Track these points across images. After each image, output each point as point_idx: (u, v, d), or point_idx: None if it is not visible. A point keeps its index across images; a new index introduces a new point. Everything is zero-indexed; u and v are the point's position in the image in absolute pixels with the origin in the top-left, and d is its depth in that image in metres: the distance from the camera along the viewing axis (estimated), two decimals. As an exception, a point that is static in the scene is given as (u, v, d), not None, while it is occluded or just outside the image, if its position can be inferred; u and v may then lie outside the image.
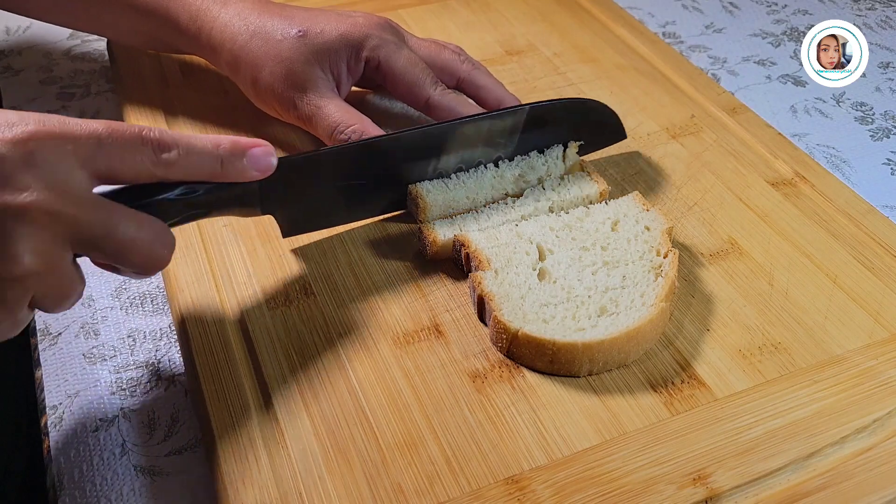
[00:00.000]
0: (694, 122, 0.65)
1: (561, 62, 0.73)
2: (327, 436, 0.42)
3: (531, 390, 0.45)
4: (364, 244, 0.53)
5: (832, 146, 0.69)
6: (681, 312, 0.49)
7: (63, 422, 0.47)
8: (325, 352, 0.46)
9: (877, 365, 0.47)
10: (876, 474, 0.41)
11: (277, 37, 0.55)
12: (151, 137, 0.40)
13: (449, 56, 0.59)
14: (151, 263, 0.41)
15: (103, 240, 0.39)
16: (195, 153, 0.42)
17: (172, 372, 0.49)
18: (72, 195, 0.37)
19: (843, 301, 0.50)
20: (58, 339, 0.51)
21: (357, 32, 0.56)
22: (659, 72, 0.71)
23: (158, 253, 0.41)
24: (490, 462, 0.41)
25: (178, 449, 0.45)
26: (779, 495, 0.40)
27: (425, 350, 0.47)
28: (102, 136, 0.39)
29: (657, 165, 0.61)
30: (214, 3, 0.58)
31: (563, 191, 0.54)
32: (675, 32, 0.85)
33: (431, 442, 0.42)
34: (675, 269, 0.48)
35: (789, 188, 0.59)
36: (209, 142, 0.43)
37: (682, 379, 0.45)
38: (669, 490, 0.40)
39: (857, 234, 0.55)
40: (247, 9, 0.57)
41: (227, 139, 0.43)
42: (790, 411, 0.44)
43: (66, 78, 0.72)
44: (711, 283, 0.51)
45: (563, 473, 0.41)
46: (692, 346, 0.47)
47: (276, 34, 0.56)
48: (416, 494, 0.40)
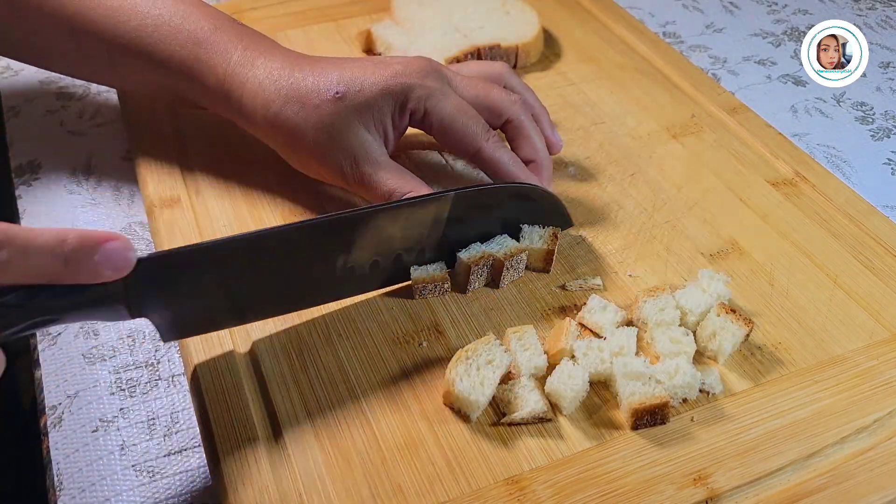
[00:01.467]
0: (694, 122, 0.65)
1: (561, 62, 0.73)
2: (327, 436, 0.42)
3: (531, 390, 0.45)
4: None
5: (832, 146, 0.69)
6: (681, 312, 0.49)
7: (63, 422, 0.47)
8: (325, 352, 0.46)
9: (877, 365, 0.46)
10: (876, 474, 0.41)
11: (315, 101, 0.50)
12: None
13: (498, 95, 0.54)
14: None
15: None
16: (32, 253, 0.35)
17: (172, 372, 0.49)
18: None
19: (843, 301, 0.50)
20: (57, 340, 0.51)
21: (398, 84, 0.51)
22: (659, 72, 0.71)
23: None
24: (490, 462, 0.41)
25: (178, 449, 0.45)
26: (779, 495, 0.40)
27: (425, 350, 0.47)
28: None
29: (657, 165, 0.61)
30: (242, 66, 0.53)
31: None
32: (676, 32, 0.85)
33: (431, 442, 0.42)
34: None
35: (790, 188, 0.59)
36: (51, 237, 0.35)
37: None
38: (670, 490, 0.40)
39: (858, 234, 0.55)
40: (276, 69, 0.52)
41: (75, 233, 0.36)
42: (790, 411, 0.44)
43: (65, 78, 0.72)
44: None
45: (564, 474, 0.41)
46: (692, 346, 0.47)
47: (313, 99, 0.51)
48: (416, 494, 0.40)
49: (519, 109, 0.54)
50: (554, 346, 0.45)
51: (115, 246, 0.37)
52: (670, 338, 0.46)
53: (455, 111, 0.51)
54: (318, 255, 0.46)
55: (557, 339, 0.46)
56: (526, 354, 0.45)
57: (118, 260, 0.37)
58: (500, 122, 0.54)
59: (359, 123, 0.51)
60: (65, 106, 0.69)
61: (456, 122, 0.51)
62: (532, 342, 0.45)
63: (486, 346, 0.44)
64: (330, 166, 0.52)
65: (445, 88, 0.52)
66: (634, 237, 0.54)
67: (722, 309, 0.47)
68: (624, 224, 0.55)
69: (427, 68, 0.52)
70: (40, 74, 0.73)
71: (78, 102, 0.70)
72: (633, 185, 0.59)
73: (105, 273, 0.37)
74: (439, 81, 0.52)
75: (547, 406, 0.43)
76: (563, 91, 0.69)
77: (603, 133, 0.64)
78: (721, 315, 0.46)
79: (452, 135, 0.52)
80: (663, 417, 0.43)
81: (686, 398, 0.44)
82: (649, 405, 0.42)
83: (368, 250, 0.47)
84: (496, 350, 0.44)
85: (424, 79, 0.52)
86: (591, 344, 0.45)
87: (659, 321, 0.47)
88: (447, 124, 0.51)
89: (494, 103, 0.54)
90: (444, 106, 0.51)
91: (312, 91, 0.51)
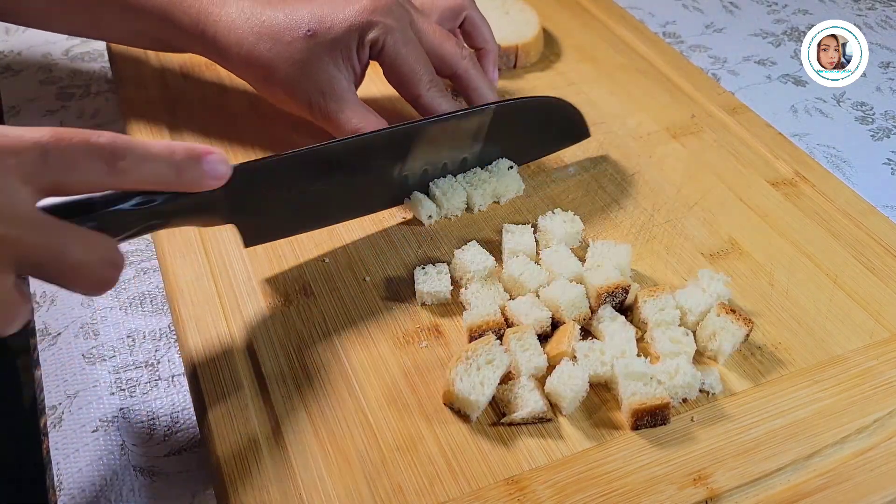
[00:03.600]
0: (694, 122, 0.65)
1: (561, 62, 0.73)
2: (327, 436, 0.42)
3: (531, 390, 0.45)
4: (364, 244, 0.53)
5: (832, 146, 0.69)
6: (681, 312, 0.49)
7: (63, 422, 0.47)
8: (325, 352, 0.46)
9: (877, 365, 0.46)
10: (876, 474, 0.41)
11: (287, 39, 0.54)
12: (101, 144, 0.37)
13: (451, 49, 0.58)
14: (98, 287, 0.39)
15: (49, 264, 0.36)
16: (149, 160, 0.39)
17: (172, 372, 0.49)
18: (15, 216, 0.34)
19: (843, 301, 0.50)
20: (57, 340, 0.51)
21: (364, 20, 0.54)
22: (659, 72, 0.71)
23: (107, 276, 0.38)
24: (490, 462, 0.41)
25: (178, 449, 0.45)
26: (779, 495, 0.40)
27: (425, 350, 0.47)
28: (47, 147, 0.35)
29: (657, 165, 0.61)
30: (214, 4, 0.56)
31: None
32: (676, 32, 0.85)
33: (431, 442, 0.42)
34: None
35: (790, 188, 0.59)
36: (164, 147, 0.40)
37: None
38: (670, 490, 0.40)
39: (858, 234, 0.55)
40: (248, 6, 0.56)
41: (181, 145, 0.40)
42: (790, 411, 0.44)
43: (65, 78, 0.72)
44: (712, 283, 0.51)
45: (564, 473, 0.41)
46: (692, 346, 0.47)
47: (285, 36, 0.54)
48: (416, 494, 0.40)
49: (468, 64, 0.58)
50: (555, 348, 0.45)
51: (215, 157, 0.41)
52: (670, 337, 0.46)
53: (407, 54, 0.55)
54: (380, 162, 0.51)
55: (560, 341, 0.46)
56: (525, 355, 0.44)
57: (220, 169, 0.41)
58: (448, 73, 0.58)
59: (328, 60, 0.54)
60: (65, 106, 0.69)
61: (405, 64, 0.55)
62: (531, 342, 0.45)
63: (485, 347, 0.44)
64: (299, 100, 0.55)
65: (406, 29, 0.56)
66: (634, 237, 0.54)
67: (722, 309, 0.47)
68: (624, 224, 0.55)
69: (392, 4, 0.55)
70: (40, 74, 0.73)
71: (78, 102, 0.70)
72: (633, 185, 0.59)
73: (208, 182, 0.41)
74: (402, 21, 0.55)
75: (547, 406, 0.43)
76: (564, 91, 0.69)
77: (603, 133, 0.64)
78: (721, 315, 0.46)
79: (400, 76, 0.56)
80: (664, 418, 0.43)
81: (686, 398, 0.44)
82: (650, 406, 0.42)
83: (421, 160, 0.53)
84: (496, 350, 0.44)
85: (387, 16, 0.55)
86: (592, 346, 0.45)
87: (659, 321, 0.47)
88: (398, 65, 0.55)
89: (446, 55, 0.57)
90: (400, 47, 0.55)
91: (284, 28, 0.54)
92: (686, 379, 0.44)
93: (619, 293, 0.47)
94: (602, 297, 0.47)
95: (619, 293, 0.47)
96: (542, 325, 0.46)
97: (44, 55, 0.75)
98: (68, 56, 0.75)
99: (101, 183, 0.38)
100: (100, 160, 0.37)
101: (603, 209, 0.57)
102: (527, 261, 0.50)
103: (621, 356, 0.45)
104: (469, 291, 0.48)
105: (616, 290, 0.47)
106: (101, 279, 0.38)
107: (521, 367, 0.44)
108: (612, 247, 0.50)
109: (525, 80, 0.70)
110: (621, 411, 0.44)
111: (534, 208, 0.56)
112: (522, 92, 0.68)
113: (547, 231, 0.52)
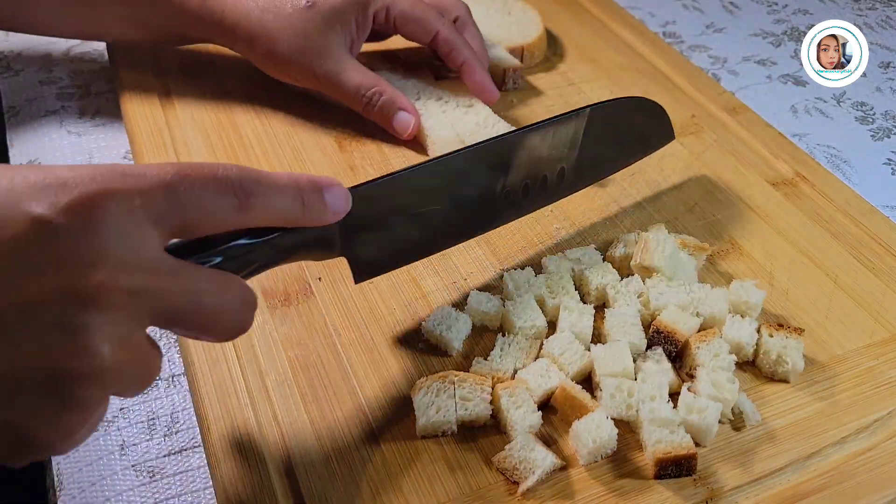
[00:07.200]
0: (694, 122, 0.65)
1: (561, 62, 0.73)
2: (327, 436, 0.42)
3: (531, 390, 0.44)
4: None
5: (832, 146, 0.69)
6: (681, 312, 0.49)
7: (63, 422, 0.47)
8: (325, 352, 0.46)
9: (877, 365, 0.46)
10: (876, 474, 0.41)
11: (288, 9, 0.59)
12: (229, 178, 0.34)
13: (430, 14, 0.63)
14: (235, 331, 0.35)
15: (185, 313, 0.33)
16: (277, 193, 0.36)
17: (172, 372, 0.49)
18: (148, 264, 0.31)
19: (843, 301, 0.50)
20: (58, 339, 0.51)
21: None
22: (659, 71, 0.71)
23: (243, 317, 0.35)
24: (491, 462, 0.41)
25: (178, 449, 0.45)
26: (779, 495, 0.40)
27: (425, 350, 0.47)
28: (173, 184, 0.32)
29: (657, 165, 0.61)
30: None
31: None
32: (676, 32, 0.85)
33: (431, 442, 0.42)
34: None
35: (790, 188, 0.59)
36: (289, 179, 0.37)
37: (683, 379, 0.45)
38: (670, 490, 0.40)
39: (858, 234, 0.55)
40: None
41: (305, 176, 0.37)
42: (790, 411, 0.44)
43: (65, 78, 0.72)
44: (712, 282, 0.51)
45: (564, 473, 0.41)
46: (692, 346, 0.47)
47: (287, 7, 0.59)
48: (416, 494, 0.40)
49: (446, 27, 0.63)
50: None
51: (337, 191, 0.39)
52: (713, 381, 0.43)
53: (412, 7, 0.62)
54: (484, 176, 0.48)
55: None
56: (519, 412, 0.41)
57: (341, 202, 0.39)
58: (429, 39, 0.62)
59: (328, 28, 0.59)
60: (65, 106, 0.69)
61: (414, 12, 0.62)
62: (524, 398, 0.42)
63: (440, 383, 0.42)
64: (303, 67, 0.60)
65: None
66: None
67: (771, 328, 0.45)
68: (624, 224, 0.55)
69: None
70: (40, 74, 0.73)
71: (78, 102, 0.70)
72: (633, 185, 0.59)
73: (330, 215, 0.38)
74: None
75: (557, 459, 0.40)
76: (564, 91, 0.69)
77: (603, 133, 0.64)
78: (774, 336, 0.45)
79: (413, 23, 0.62)
80: (689, 468, 0.40)
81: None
82: (675, 455, 0.40)
83: (521, 173, 0.49)
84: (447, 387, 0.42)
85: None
86: (621, 385, 0.42)
87: (715, 367, 0.44)
88: (407, 15, 0.61)
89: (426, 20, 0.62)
90: (403, 7, 0.61)
91: (287, 1, 0.59)
92: (707, 422, 0.41)
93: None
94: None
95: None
96: (544, 393, 0.43)
97: (44, 55, 0.75)
98: (68, 56, 0.75)
99: (229, 221, 0.35)
100: (229, 195, 0.34)
101: (603, 209, 0.57)
102: (572, 338, 0.45)
103: (650, 400, 0.42)
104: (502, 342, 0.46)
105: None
106: (237, 322, 0.35)
107: (516, 426, 0.41)
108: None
109: (527, 81, 0.70)
110: (645, 457, 0.41)
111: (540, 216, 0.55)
112: (527, 92, 0.68)
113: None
